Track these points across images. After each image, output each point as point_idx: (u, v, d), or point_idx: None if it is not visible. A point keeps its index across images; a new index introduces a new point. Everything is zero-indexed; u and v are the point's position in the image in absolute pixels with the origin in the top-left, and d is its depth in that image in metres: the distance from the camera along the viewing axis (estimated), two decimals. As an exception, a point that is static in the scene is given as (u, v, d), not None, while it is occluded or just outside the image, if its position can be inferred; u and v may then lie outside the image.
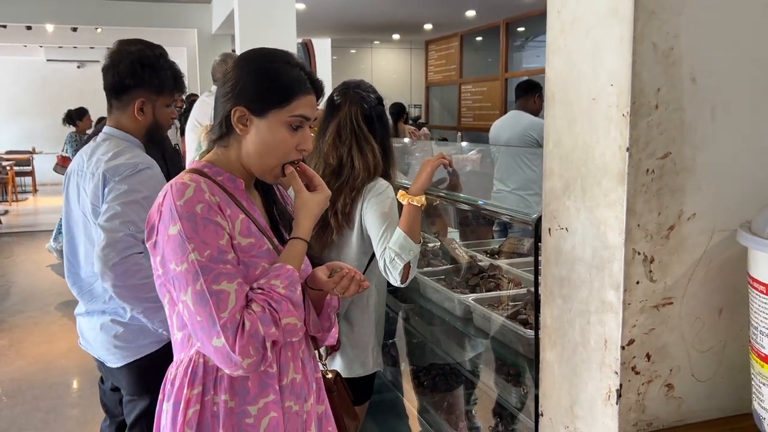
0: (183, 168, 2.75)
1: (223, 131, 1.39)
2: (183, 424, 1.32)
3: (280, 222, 1.48)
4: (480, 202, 2.04)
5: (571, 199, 1.20)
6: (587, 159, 1.16)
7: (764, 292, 0.99)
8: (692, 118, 1.09)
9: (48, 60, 14.55)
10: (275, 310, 1.26)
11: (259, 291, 1.28)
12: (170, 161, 2.62)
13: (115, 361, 2.10)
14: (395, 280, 1.87)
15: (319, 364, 1.56)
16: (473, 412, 2.27)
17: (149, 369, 2.03)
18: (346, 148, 1.98)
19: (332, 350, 2.03)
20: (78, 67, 14.65)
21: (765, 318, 1.00)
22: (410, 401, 2.55)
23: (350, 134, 1.99)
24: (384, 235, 1.89)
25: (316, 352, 1.55)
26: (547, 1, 1.24)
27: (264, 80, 1.34)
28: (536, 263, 1.53)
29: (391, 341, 2.64)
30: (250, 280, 1.31)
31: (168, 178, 2.56)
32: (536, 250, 1.50)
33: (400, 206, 1.93)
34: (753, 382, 1.06)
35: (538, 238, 1.37)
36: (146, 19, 9.55)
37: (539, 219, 1.33)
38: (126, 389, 2.17)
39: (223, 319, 1.23)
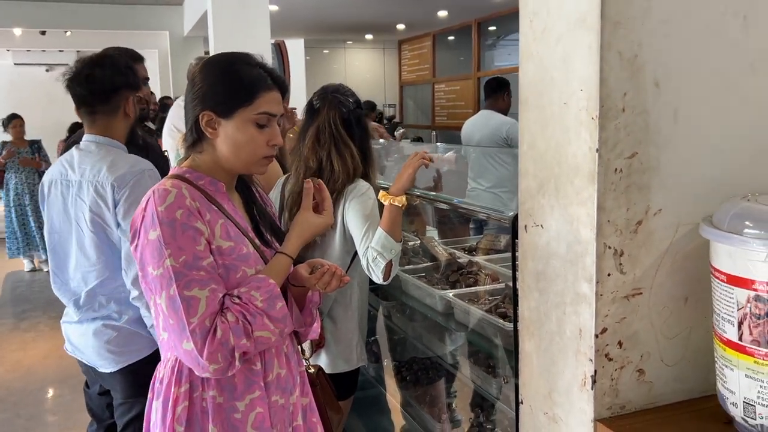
0: (167, 172, 2.79)
1: (195, 137, 1.43)
2: (173, 421, 1.36)
3: (260, 222, 1.53)
4: (457, 201, 2.10)
5: (546, 197, 1.28)
6: (560, 160, 1.23)
7: (725, 281, 1.07)
8: (656, 121, 1.16)
9: (16, 64, 14.33)
10: (249, 323, 1.30)
11: (237, 301, 1.32)
12: (158, 167, 2.65)
13: (107, 366, 2.11)
14: (378, 278, 1.93)
15: (302, 359, 1.62)
16: (454, 404, 2.34)
17: (142, 373, 2.02)
18: (325, 152, 2.04)
19: (317, 347, 2.09)
20: (47, 70, 14.44)
21: (726, 305, 1.07)
22: (393, 396, 2.61)
23: (329, 138, 2.05)
24: (366, 235, 1.95)
25: (300, 347, 1.61)
26: (519, 10, 1.31)
27: (226, 82, 1.40)
28: (513, 259, 1.60)
29: (372, 338, 2.71)
30: (231, 284, 1.35)
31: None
32: (513, 247, 1.57)
33: (381, 206, 1.99)
34: (717, 365, 1.14)
35: (515, 234, 1.44)
36: (117, 22, 9.48)
37: (516, 216, 1.40)
38: (120, 393, 2.18)
39: (192, 325, 1.27)
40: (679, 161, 1.19)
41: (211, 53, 5.95)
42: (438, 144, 6.09)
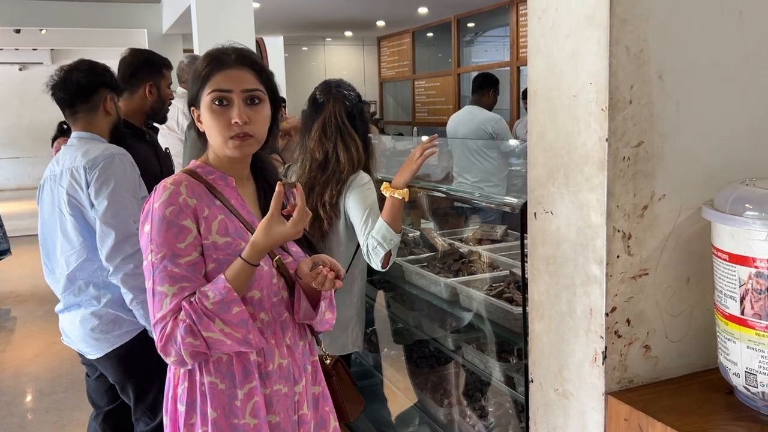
0: (173, 170, 2.82)
1: (200, 134, 1.49)
2: (174, 400, 1.46)
3: None
4: (466, 193, 2.17)
5: (555, 185, 1.35)
6: (569, 149, 1.30)
7: (727, 260, 1.15)
8: (660, 111, 1.24)
9: (-12, 62, 14.11)
10: (194, 323, 1.32)
11: (191, 300, 1.34)
12: (163, 161, 2.71)
13: (94, 353, 2.22)
14: (377, 265, 2.00)
15: (317, 348, 1.64)
16: (463, 388, 2.41)
17: (127, 356, 2.19)
18: (331, 144, 2.09)
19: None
20: (20, 69, 14.25)
21: (728, 282, 1.15)
22: (392, 383, 2.68)
23: (335, 130, 2.10)
24: (365, 224, 2.01)
25: (315, 337, 1.64)
26: (528, 7, 1.38)
27: (194, 74, 1.45)
28: (522, 245, 1.68)
29: (371, 329, 2.77)
30: None
31: (161, 176, 2.65)
32: (522, 234, 1.64)
33: (382, 197, 2.05)
34: (719, 339, 1.22)
35: (523, 222, 1.51)
36: (93, 20, 9.38)
37: (524, 204, 1.47)
38: (111, 378, 2.30)
39: (156, 318, 1.36)
40: (681, 149, 1.27)
41: (195, 51, 5.95)
42: (423, 137, 6.17)
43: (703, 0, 1.24)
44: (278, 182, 1.34)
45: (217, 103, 1.39)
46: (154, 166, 2.67)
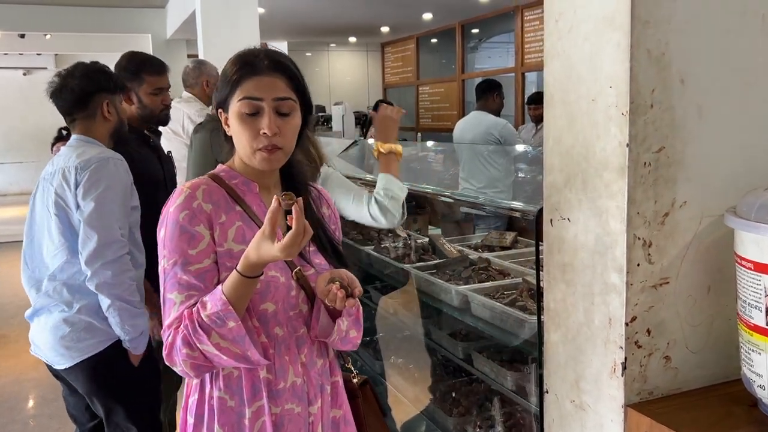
0: (174, 174, 2.79)
1: (227, 137, 1.43)
2: (185, 410, 1.42)
3: None
4: (476, 199, 2.14)
5: (573, 191, 1.32)
6: (588, 155, 1.27)
7: (751, 268, 1.12)
8: (681, 116, 1.21)
9: (-7, 67, 14.14)
10: (190, 334, 1.26)
11: (192, 310, 1.27)
12: (165, 166, 2.68)
13: (63, 362, 2.15)
14: (395, 217, 1.97)
15: (339, 368, 1.51)
16: (474, 397, 2.37)
17: (97, 367, 2.12)
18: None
19: None
20: (24, 74, 14.27)
21: (753, 292, 1.12)
22: (401, 392, 2.64)
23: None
24: (355, 196, 2.01)
25: (341, 356, 1.54)
26: (544, 11, 1.35)
27: (223, 76, 1.39)
28: (537, 252, 1.64)
29: (376, 336, 2.74)
30: None
31: (164, 181, 2.62)
32: (537, 240, 1.61)
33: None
34: (742, 350, 1.19)
35: (539, 229, 1.48)
36: (98, 25, 9.39)
37: (540, 211, 1.44)
38: (80, 389, 2.23)
39: (164, 325, 1.32)
40: (702, 155, 1.24)
41: (200, 56, 5.94)
42: (428, 143, 6.13)
43: (726, 3, 1.22)
44: (275, 197, 1.21)
45: (246, 111, 1.33)
46: (157, 171, 2.64)
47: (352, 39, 11.79)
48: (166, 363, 1.33)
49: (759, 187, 1.19)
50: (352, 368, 1.57)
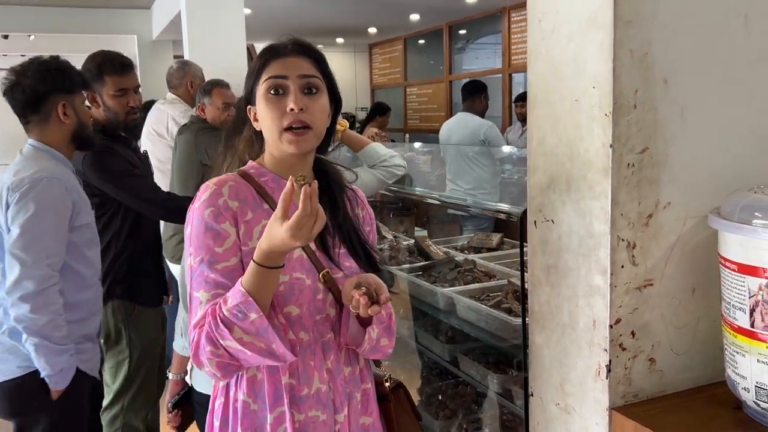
0: (152, 173, 2.76)
1: (257, 135, 1.38)
2: (212, 413, 1.38)
3: (329, 230, 1.35)
4: (463, 201, 2.13)
5: (556, 192, 1.31)
6: (571, 155, 1.26)
7: (736, 270, 1.11)
8: (664, 117, 1.20)
9: (-25, 69, 13.99)
10: (212, 330, 1.21)
11: (215, 307, 1.23)
12: (144, 167, 2.64)
13: None
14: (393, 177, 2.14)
15: (370, 375, 1.44)
16: (460, 400, 2.36)
17: (13, 392, 1.98)
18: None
19: None
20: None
21: (737, 293, 1.11)
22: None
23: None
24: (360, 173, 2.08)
25: (371, 362, 1.47)
26: (527, 11, 1.34)
27: (248, 72, 1.36)
28: (522, 254, 1.63)
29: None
30: None
31: (144, 182, 2.57)
32: (522, 242, 1.60)
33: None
34: (726, 352, 1.18)
35: (523, 230, 1.47)
36: (82, 26, 9.29)
37: (524, 212, 1.43)
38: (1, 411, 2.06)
39: (191, 325, 1.27)
40: (686, 156, 1.23)
41: (185, 57, 5.90)
42: (416, 144, 6.13)
43: (709, 2, 1.21)
44: (290, 177, 1.13)
45: (272, 92, 1.28)
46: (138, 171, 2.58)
47: (340, 40, 11.77)
48: (194, 364, 1.28)
49: (742, 188, 1.18)
50: (385, 372, 1.50)
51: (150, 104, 4.21)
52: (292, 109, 1.26)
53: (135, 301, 2.52)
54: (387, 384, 1.47)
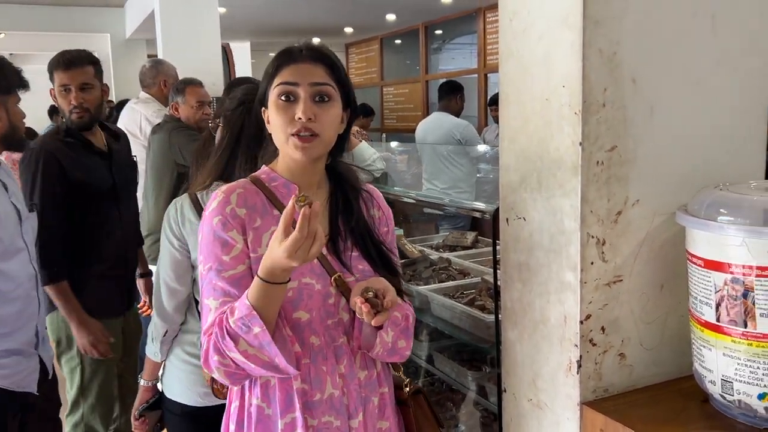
0: (131, 179, 2.70)
1: (269, 138, 1.36)
2: (228, 416, 1.38)
3: (341, 233, 1.35)
4: (437, 199, 2.14)
5: (528, 190, 1.32)
6: (542, 154, 1.27)
7: (702, 265, 1.13)
8: (633, 115, 1.22)
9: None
10: (219, 340, 1.22)
11: (222, 317, 1.23)
12: (118, 173, 2.56)
13: None
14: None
15: (388, 379, 1.42)
16: (434, 398, 2.37)
17: None
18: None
19: None
20: (-23, 74, 13.89)
21: (704, 288, 1.14)
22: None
23: None
24: None
25: (389, 365, 1.44)
26: (499, 10, 1.35)
27: (264, 75, 1.34)
28: (494, 252, 1.65)
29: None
30: None
31: (114, 189, 2.51)
32: (495, 240, 1.61)
33: None
34: (694, 346, 1.20)
35: (496, 228, 1.48)
36: (54, 24, 9.16)
37: (496, 210, 1.44)
38: None
39: (202, 332, 1.28)
40: (654, 154, 1.25)
41: (159, 56, 5.85)
42: (392, 143, 6.14)
43: (677, 3, 1.23)
44: (292, 197, 1.14)
45: (283, 98, 1.27)
46: (101, 178, 2.44)
47: (316, 39, 11.72)
48: (204, 369, 1.28)
49: (709, 186, 1.20)
50: (404, 376, 1.46)
51: (123, 104, 4.16)
52: (299, 118, 1.26)
53: (86, 310, 2.44)
54: (407, 389, 1.45)
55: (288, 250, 1.12)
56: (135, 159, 2.77)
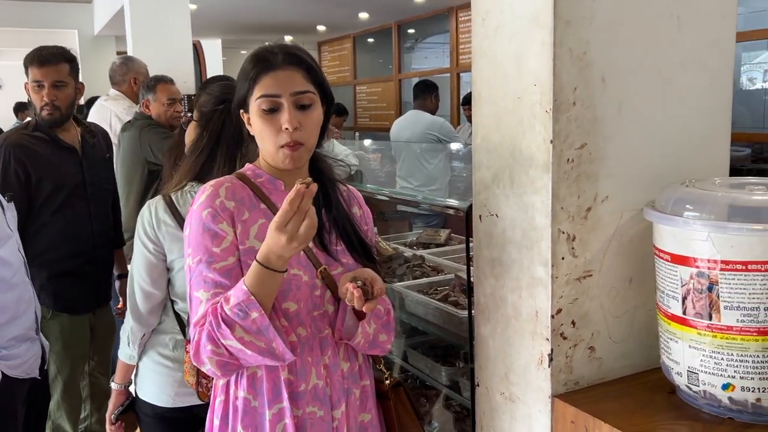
0: (105, 177, 2.67)
1: (251, 137, 1.38)
2: (212, 411, 1.38)
3: (326, 226, 1.38)
4: (411, 197, 2.16)
5: (500, 187, 1.34)
6: (514, 151, 1.29)
7: (669, 260, 1.16)
8: (602, 114, 1.25)
9: None
10: (213, 329, 1.23)
11: (214, 306, 1.24)
12: (89, 169, 2.54)
13: None
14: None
15: (369, 372, 1.44)
16: (411, 394, 2.39)
17: None
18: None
19: None
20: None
21: (670, 282, 1.17)
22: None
23: None
24: None
25: (370, 358, 1.46)
26: (471, 9, 1.37)
27: (240, 75, 1.36)
28: (468, 248, 1.67)
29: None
30: None
31: (83, 184, 2.49)
32: (468, 237, 1.63)
33: None
34: (661, 339, 1.23)
35: (469, 225, 1.50)
36: (21, 20, 8.98)
37: (470, 207, 1.46)
38: None
39: (192, 324, 1.29)
40: (623, 151, 1.28)
41: (129, 53, 5.78)
42: (365, 141, 6.15)
43: (644, 4, 1.26)
44: (298, 181, 1.16)
45: (266, 109, 1.30)
46: (68, 174, 2.45)
47: (288, 37, 11.69)
48: (194, 362, 1.28)
49: (675, 182, 1.24)
50: (385, 370, 1.49)
51: (92, 101, 4.11)
52: (286, 128, 1.29)
53: (49, 307, 2.42)
54: (387, 382, 1.48)
55: (277, 221, 1.15)
56: (109, 156, 2.75)
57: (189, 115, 1.85)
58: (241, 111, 1.37)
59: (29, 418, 2.09)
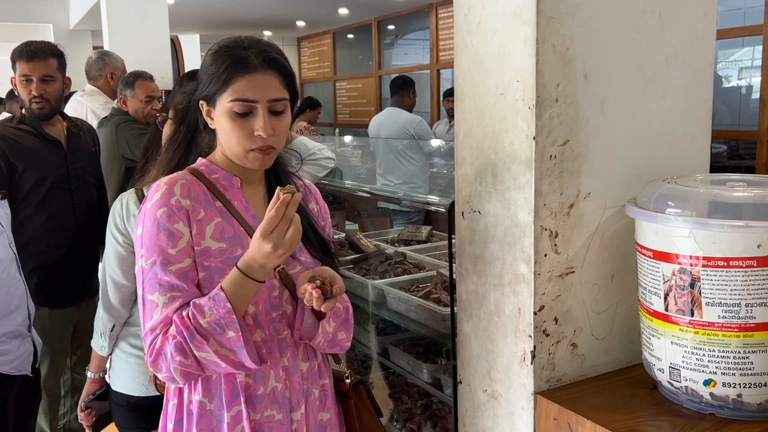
0: (90, 170, 2.63)
1: (209, 129, 1.35)
2: (165, 415, 1.35)
3: None
4: (393, 194, 2.14)
5: (483, 184, 1.33)
6: (497, 147, 1.29)
7: (651, 256, 1.16)
8: (585, 110, 1.25)
9: None
10: (186, 341, 1.20)
11: (185, 314, 1.22)
12: (74, 162, 2.52)
13: None
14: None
15: (328, 370, 1.43)
16: (390, 391, 2.38)
17: None
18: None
19: None
20: None
21: (653, 279, 1.17)
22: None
23: None
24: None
25: (329, 356, 1.45)
26: (454, 5, 1.36)
27: (210, 68, 1.29)
28: (450, 245, 1.66)
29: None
30: (214, 285, 1.25)
31: (67, 178, 2.46)
32: (450, 233, 1.62)
33: None
34: (643, 335, 1.23)
35: (451, 222, 1.49)
36: (-6, 13, 8.84)
37: (452, 204, 1.45)
38: None
39: (146, 329, 1.24)
40: (605, 148, 1.28)
41: (105, 48, 5.69)
42: (345, 138, 6.13)
43: (626, 1, 1.26)
44: (277, 189, 1.16)
45: (238, 111, 1.26)
46: (51, 167, 2.44)
47: (267, 33, 11.60)
48: (150, 368, 1.25)
49: (657, 179, 1.24)
50: (345, 368, 1.48)
51: (68, 96, 4.03)
52: (260, 135, 1.26)
53: (35, 299, 2.39)
54: (348, 381, 1.46)
55: (262, 229, 1.15)
56: (95, 150, 2.73)
57: (164, 114, 1.83)
58: (202, 102, 1.32)
59: (19, 416, 2.06)
